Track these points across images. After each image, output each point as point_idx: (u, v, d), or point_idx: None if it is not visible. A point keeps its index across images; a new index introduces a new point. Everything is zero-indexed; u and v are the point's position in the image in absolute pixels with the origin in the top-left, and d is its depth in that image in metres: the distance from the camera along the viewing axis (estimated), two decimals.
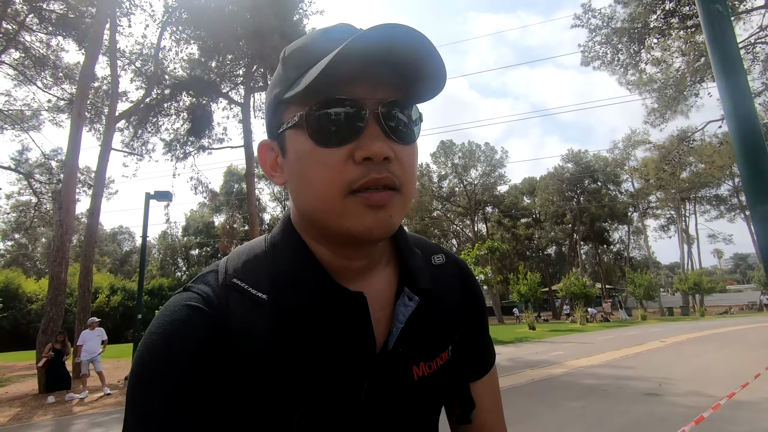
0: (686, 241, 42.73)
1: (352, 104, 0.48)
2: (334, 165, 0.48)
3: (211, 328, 0.49)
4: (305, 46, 0.53)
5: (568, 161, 42.73)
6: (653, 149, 28.81)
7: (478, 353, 0.71)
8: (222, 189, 37.82)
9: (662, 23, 16.04)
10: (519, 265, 34.90)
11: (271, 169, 0.58)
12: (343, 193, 0.48)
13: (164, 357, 0.47)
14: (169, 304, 0.52)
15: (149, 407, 0.45)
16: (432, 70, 0.49)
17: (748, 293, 47.82)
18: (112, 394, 8.97)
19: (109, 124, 13.57)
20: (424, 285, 0.60)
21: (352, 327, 0.53)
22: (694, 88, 16.53)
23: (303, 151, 0.50)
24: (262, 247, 0.58)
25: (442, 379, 0.61)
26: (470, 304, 0.70)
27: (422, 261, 0.64)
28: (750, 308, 38.67)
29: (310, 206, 0.52)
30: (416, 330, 0.58)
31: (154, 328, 0.49)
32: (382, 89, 0.50)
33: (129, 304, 30.74)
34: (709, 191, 39.87)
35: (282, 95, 0.52)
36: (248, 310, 0.51)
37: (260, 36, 16.59)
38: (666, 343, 14.28)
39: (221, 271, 0.55)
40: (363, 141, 0.48)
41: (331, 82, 0.47)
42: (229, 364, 0.49)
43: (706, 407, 3.59)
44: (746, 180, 2.98)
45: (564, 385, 7.81)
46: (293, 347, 0.50)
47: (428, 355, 0.60)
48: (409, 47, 0.46)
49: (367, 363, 0.54)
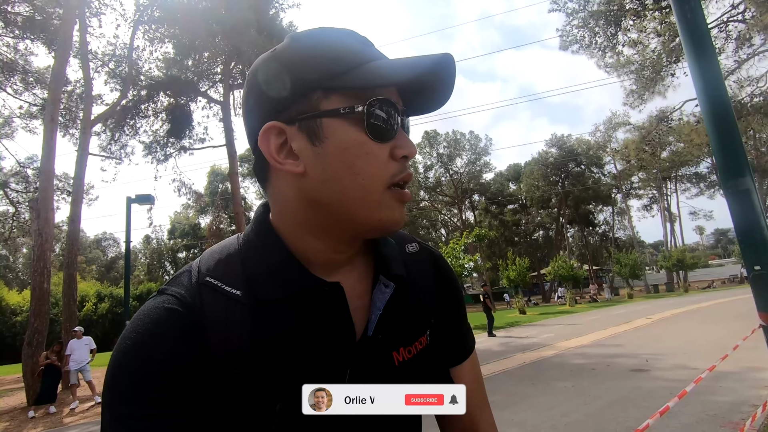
0: (669, 219, 43.68)
1: (396, 107, 0.54)
2: (381, 159, 0.53)
3: (186, 329, 0.49)
4: (338, 41, 0.55)
5: (552, 146, 43.13)
6: (633, 130, 29.21)
7: (456, 338, 0.72)
8: (206, 189, 37.29)
9: (637, 5, 16.18)
10: (508, 251, 35.30)
11: (276, 153, 0.53)
12: (385, 186, 0.53)
13: (140, 360, 0.47)
14: (144, 308, 0.52)
15: (127, 411, 0.45)
16: (441, 101, 0.59)
17: (729, 267, 49.15)
18: None
19: (84, 129, 13.21)
20: (398, 271, 0.62)
21: (331, 317, 0.55)
22: (671, 68, 16.76)
23: (353, 141, 0.51)
24: (235, 245, 0.59)
25: (422, 364, 0.62)
26: (445, 290, 0.71)
27: (396, 249, 0.66)
28: (731, 281, 39.77)
29: (345, 196, 0.52)
30: (394, 316, 0.60)
31: (129, 332, 0.49)
32: (400, 99, 0.57)
33: (117, 310, 30.27)
34: (689, 169, 40.69)
35: (321, 82, 0.51)
36: (223, 308, 0.52)
37: (237, 32, 16.28)
38: (652, 320, 14.64)
39: (194, 271, 0.56)
40: (400, 141, 0.54)
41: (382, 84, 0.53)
42: (206, 362, 0.49)
43: (690, 380, 3.70)
44: (718, 156, 3.05)
45: (555, 366, 7.97)
46: (271, 339, 0.51)
47: (407, 340, 0.61)
48: (447, 78, 0.55)
49: (348, 350, 0.55)
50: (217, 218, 25.23)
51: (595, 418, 4.70)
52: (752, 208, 2.79)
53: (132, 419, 0.45)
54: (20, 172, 20.29)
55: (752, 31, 14.85)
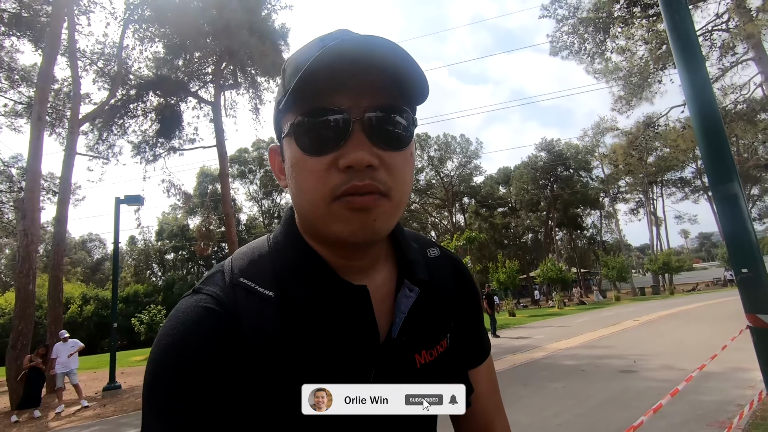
0: (655, 223, 44.39)
1: (337, 112, 0.49)
2: (318, 172, 0.50)
3: (223, 328, 0.51)
4: (299, 54, 0.54)
5: (542, 150, 43.60)
6: (621, 136, 29.69)
7: (474, 341, 0.74)
8: (195, 190, 36.96)
9: (625, 12, 16.50)
10: (497, 254, 35.50)
11: (279, 172, 0.61)
12: (328, 199, 0.50)
13: (180, 357, 0.48)
14: (181, 306, 0.53)
15: (169, 406, 0.47)
16: (412, 76, 0.50)
17: (713, 270, 50.15)
18: (90, 407, 8.71)
19: (72, 128, 12.99)
20: (422, 276, 0.63)
21: (357, 319, 0.56)
22: (657, 75, 17.11)
23: (294, 158, 0.52)
24: (265, 246, 0.61)
25: (442, 366, 0.64)
26: (464, 295, 0.73)
27: (419, 254, 0.67)
28: (715, 284, 40.58)
29: (303, 211, 0.55)
30: (417, 319, 0.61)
31: (168, 330, 0.51)
32: (368, 97, 0.50)
33: (103, 313, 29.77)
34: (675, 174, 41.44)
35: (279, 105, 0.55)
36: (256, 308, 0.53)
37: (228, 32, 16.20)
38: (639, 321, 14.86)
39: (227, 272, 0.57)
40: (346, 149, 0.49)
41: (315, 90, 0.49)
42: (241, 360, 0.51)
43: (678, 380, 3.78)
44: (707, 161, 3.12)
45: (546, 367, 8.05)
46: (302, 338, 0.53)
47: (429, 343, 0.63)
48: (385, 55, 0.48)
49: (373, 352, 0.56)
50: (206, 219, 24.97)
51: (586, 418, 4.77)
52: (740, 213, 2.87)
53: (171, 413, 0.46)
54: (4, 172, 19.88)
55: (735, 40, 15.24)
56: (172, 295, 34.15)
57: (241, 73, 18.91)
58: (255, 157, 43.69)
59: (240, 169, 43.20)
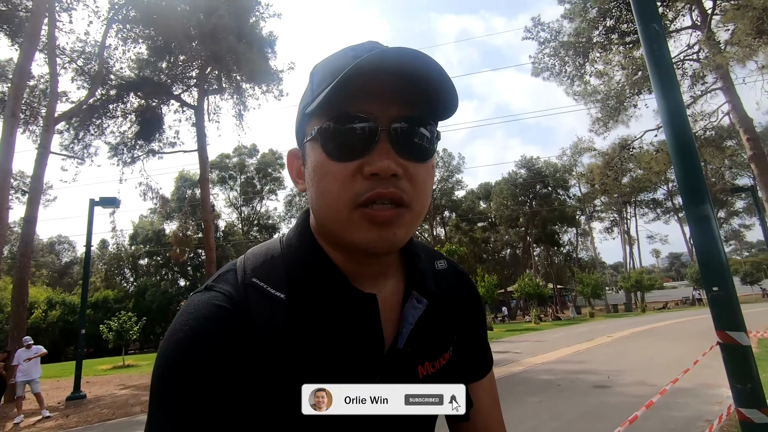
0: (628, 242, 45.78)
1: (365, 120, 0.50)
2: (342, 178, 0.51)
3: (235, 326, 0.51)
4: (330, 61, 0.55)
5: (522, 167, 44.58)
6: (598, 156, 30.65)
7: (478, 355, 0.74)
8: (174, 195, 36.18)
9: (604, 39, 17.19)
10: (477, 268, 35.83)
11: (296, 176, 0.62)
12: (350, 205, 0.51)
13: (192, 352, 0.49)
14: (193, 302, 0.53)
15: (179, 401, 0.47)
16: (443, 90, 0.51)
17: (682, 289, 51.79)
18: (52, 417, 8.28)
19: (47, 126, 12.59)
20: (431, 288, 0.63)
21: (364, 327, 0.56)
22: (633, 100, 17.80)
23: (317, 163, 0.53)
24: (278, 248, 0.61)
25: (443, 379, 0.64)
26: (470, 308, 0.73)
27: (428, 265, 0.68)
28: (684, 303, 41.92)
29: (322, 215, 0.55)
30: (423, 331, 0.61)
31: (180, 325, 0.51)
32: (396, 107, 0.52)
33: (69, 318, 28.55)
34: (647, 195, 43.06)
35: (306, 109, 0.55)
36: (268, 309, 0.54)
37: (215, 37, 16.11)
38: (613, 338, 15.18)
39: (240, 271, 0.58)
40: (372, 157, 0.50)
41: (346, 97, 0.49)
42: (251, 359, 0.51)
43: (650, 395, 3.87)
44: (681, 184, 3.26)
45: (523, 381, 8.11)
46: (310, 342, 0.53)
47: (432, 356, 0.63)
48: (419, 67, 0.49)
49: (378, 360, 0.57)
50: (183, 225, 24.39)
51: None
52: (711, 234, 2.99)
53: (181, 409, 0.46)
54: None
55: (705, 70, 16.05)
56: (143, 302, 33.04)
57: (227, 79, 18.76)
58: (236, 163, 43.14)
59: (220, 175, 42.55)
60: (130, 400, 9.65)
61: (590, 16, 16.80)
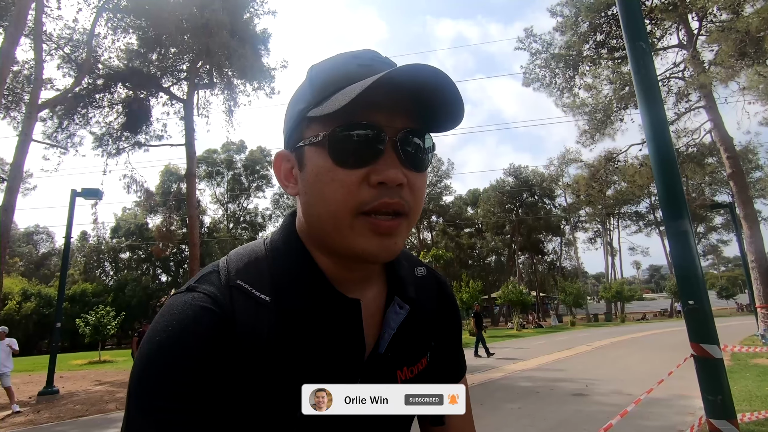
0: (610, 253, 46.60)
1: (373, 130, 0.51)
2: (349, 185, 0.51)
3: (220, 328, 0.51)
4: (334, 67, 0.55)
5: (509, 175, 45.07)
6: (584, 167, 31.22)
7: (453, 361, 0.76)
8: (159, 189, 35.53)
9: (593, 53, 17.52)
10: (462, 273, 36.03)
11: (284, 179, 0.60)
12: (354, 213, 0.51)
13: (176, 355, 0.48)
14: (175, 303, 0.52)
15: (160, 404, 0.46)
16: (453, 107, 0.53)
17: (661, 301, 53.01)
18: (22, 412, 8.05)
19: (30, 113, 12.25)
20: (412, 294, 0.64)
21: (347, 331, 0.57)
22: (620, 114, 18.17)
23: (321, 168, 0.52)
24: (262, 250, 0.61)
25: (421, 384, 0.64)
26: (447, 315, 0.75)
27: (409, 272, 0.69)
28: (662, 314, 42.85)
29: (321, 221, 0.55)
30: (403, 336, 0.62)
31: (162, 326, 0.50)
32: (401, 118, 0.53)
33: (45, 311, 27.84)
34: (631, 208, 43.89)
35: (306, 112, 0.54)
36: (252, 311, 0.53)
37: (208, 31, 15.93)
38: (592, 347, 15.42)
39: (223, 272, 0.57)
40: (379, 166, 0.51)
41: (358, 107, 0.49)
42: (235, 361, 0.50)
43: (625, 404, 3.94)
44: (662, 199, 3.34)
45: (502, 388, 8.18)
46: (294, 345, 0.53)
47: (411, 361, 0.64)
48: (436, 85, 0.50)
49: (358, 365, 0.58)
50: (167, 219, 23.96)
51: None
52: (689, 248, 3.07)
53: (160, 412, 0.45)
54: None
55: (690, 88, 16.47)
56: (123, 296, 32.39)
57: (218, 74, 18.56)
58: (224, 159, 42.67)
59: (207, 171, 42.03)
60: (104, 397, 9.44)
61: (581, 30, 17.11)
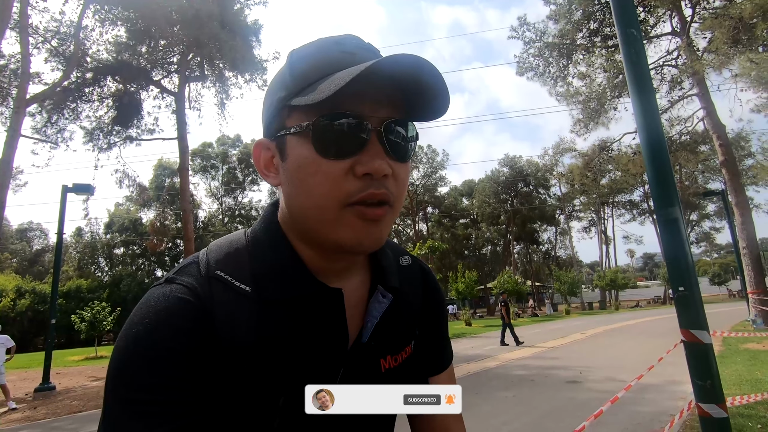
0: (605, 242, 46.92)
1: (358, 120, 0.50)
2: (334, 176, 0.50)
3: (198, 319, 0.50)
4: (316, 54, 0.53)
5: (504, 165, 45.15)
6: (578, 157, 31.29)
7: (438, 350, 0.76)
8: (152, 183, 35.30)
9: (587, 41, 17.47)
10: (457, 264, 36.21)
11: (265, 168, 0.58)
12: (340, 204, 0.50)
13: (153, 347, 0.47)
14: (153, 295, 0.51)
15: (137, 397, 0.45)
16: (439, 97, 0.53)
17: (654, 288, 53.59)
18: (18, 409, 8.05)
19: (17, 107, 12.08)
20: (395, 284, 0.64)
21: (329, 321, 0.57)
22: (613, 103, 18.20)
23: (305, 158, 0.51)
24: (242, 241, 0.60)
25: (405, 372, 0.65)
26: (431, 304, 0.75)
27: (392, 261, 0.68)
28: (656, 302, 43.40)
29: (305, 212, 0.54)
30: (386, 325, 0.62)
31: (139, 318, 0.49)
32: (385, 108, 0.52)
33: (39, 308, 27.73)
34: (624, 196, 44.16)
35: (287, 100, 0.53)
36: (232, 302, 0.53)
37: (198, 22, 15.70)
38: (586, 335, 15.59)
39: (203, 263, 0.56)
40: (364, 157, 0.50)
41: (343, 96, 0.48)
42: (215, 353, 0.50)
43: (618, 391, 4.00)
44: (653, 187, 3.35)
45: (497, 376, 8.26)
46: (276, 337, 0.53)
47: (394, 349, 0.65)
48: (421, 76, 0.50)
49: (342, 354, 0.58)
50: (161, 214, 23.81)
51: (533, 426, 4.93)
52: (679, 236, 3.09)
53: (138, 404, 0.45)
54: None
55: (683, 76, 16.49)
56: (118, 292, 32.30)
57: (209, 66, 18.34)
58: (219, 152, 42.37)
59: (202, 164, 41.76)
60: (101, 392, 9.44)
61: (575, 18, 17.04)
